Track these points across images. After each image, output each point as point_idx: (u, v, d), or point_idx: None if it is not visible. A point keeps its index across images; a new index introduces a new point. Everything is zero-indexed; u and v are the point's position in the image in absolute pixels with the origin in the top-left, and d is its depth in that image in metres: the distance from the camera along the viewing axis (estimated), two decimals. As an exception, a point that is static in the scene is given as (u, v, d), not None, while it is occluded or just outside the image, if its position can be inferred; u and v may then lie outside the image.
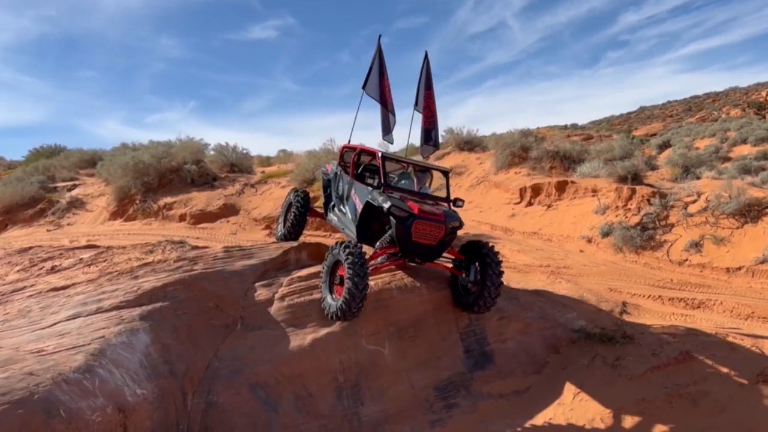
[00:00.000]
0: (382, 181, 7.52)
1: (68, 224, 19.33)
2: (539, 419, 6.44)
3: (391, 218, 7.04)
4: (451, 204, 7.88)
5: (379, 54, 9.48)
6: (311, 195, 11.13)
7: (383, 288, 7.55)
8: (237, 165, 21.98)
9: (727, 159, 24.16)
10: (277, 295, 7.56)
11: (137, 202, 19.23)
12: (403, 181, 8.07)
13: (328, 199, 9.25)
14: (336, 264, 7.04)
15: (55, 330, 6.13)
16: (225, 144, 22.50)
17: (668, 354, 7.09)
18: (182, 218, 18.24)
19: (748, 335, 7.68)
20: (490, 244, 7.63)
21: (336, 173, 9.01)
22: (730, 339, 7.43)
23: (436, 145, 10.11)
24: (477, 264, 7.51)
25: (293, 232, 9.25)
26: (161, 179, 19.89)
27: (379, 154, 7.79)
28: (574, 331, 7.95)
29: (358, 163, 8.70)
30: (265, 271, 8.10)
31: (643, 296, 9.92)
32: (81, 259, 8.56)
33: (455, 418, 6.73)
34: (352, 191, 8.13)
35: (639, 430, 5.98)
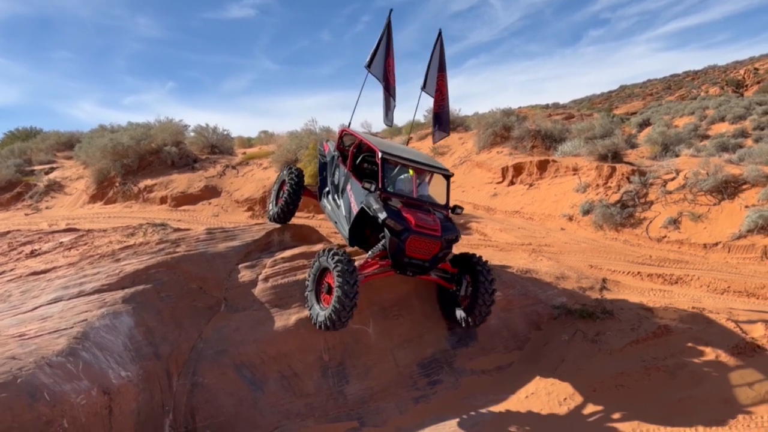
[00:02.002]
0: (380, 185, 7.10)
1: (47, 208, 19.06)
2: (521, 394, 6.56)
3: (386, 230, 6.73)
4: (450, 212, 7.50)
5: (388, 31, 8.94)
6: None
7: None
8: (218, 146, 21.75)
9: (705, 137, 24.43)
10: (260, 277, 7.57)
11: (117, 184, 18.98)
12: (401, 176, 7.69)
13: (322, 182, 8.80)
14: (323, 271, 6.79)
15: (37, 314, 6.09)
16: (205, 125, 22.23)
17: (647, 328, 7.25)
18: (163, 201, 18.07)
19: (724, 309, 7.86)
20: (481, 257, 7.44)
21: (333, 157, 8.51)
22: (706, 313, 7.60)
23: (447, 131, 9.70)
24: (468, 277, 7.30)
25: (286, 212, 8.76)
26: (141, 161, 19.64)
27: (380, 155, 7.26)
28: (555, 307, 8.08)
29: (357, 154, 8.24)
30: (248, 253, 8.10)
31: (623, 272, 10.08)
32: (61, 242, 8.47)
33: (439, 395, 6.83)
34: (348, 186, 7.73)
35: (618, 402, 6.12)
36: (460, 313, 7.33)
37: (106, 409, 5.16)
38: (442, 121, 9.42)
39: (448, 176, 7.75)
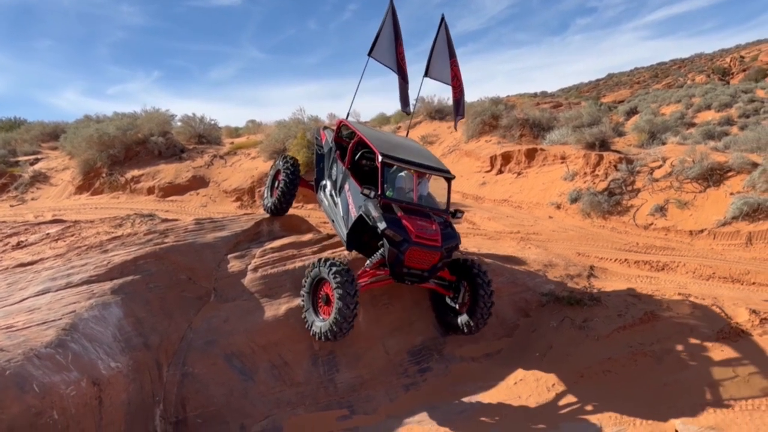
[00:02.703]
0: (380, 191, 6.83)
1: (32, 199, 18.88)
2: (510, 380, 6.63)
3: (385, 240, 6.57)
4: (450, 216, 7.24)
5: (393, 17, 8.66)
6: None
7: (357, 257, 7.60)
8: (205, 136, 21.62)
9: (691, 125, 24.63)
10: (250, 267, 7.56)
11: (103, 175, 18.84)
12: (401, 173, 7.45)
13: (319, 174, 8.54)
14: (320, 281, 6.64)
15: (24, 306, 6.06)
16: (192, 115, 22.10)
17: (633, 315, 7.33)
18: (150, 191, 17.96)
19: (709, 295, 7.96)
20: (479, 263, 7.32)
21: (331, 149, 8.24)
22: (692, 299, 7.69)
23: (463, 114, 9.47)
24: (466, 283, 7.15)
25: (283, 204, 8.54)
26: (127, 152, 19.49)
27: (380, 159, 6.94)
28: (543, 294, 8.14)
29: (356, 150, 7.89)
30: (237, 243, 8.08)
31: (610, 260, 10.17)
32: (48, 234, 8.41)
33: (429, 382, 6.89)
34: (346, 186, 7.50)
35: (605, 387, 6.20)
36: (459, 320, 7.17)
37: (96, 399, 5.16)
38: (459, 106, 9.22)
39: (449, 179, 7.46)
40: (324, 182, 8.35)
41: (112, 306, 6.20)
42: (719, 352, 6.48)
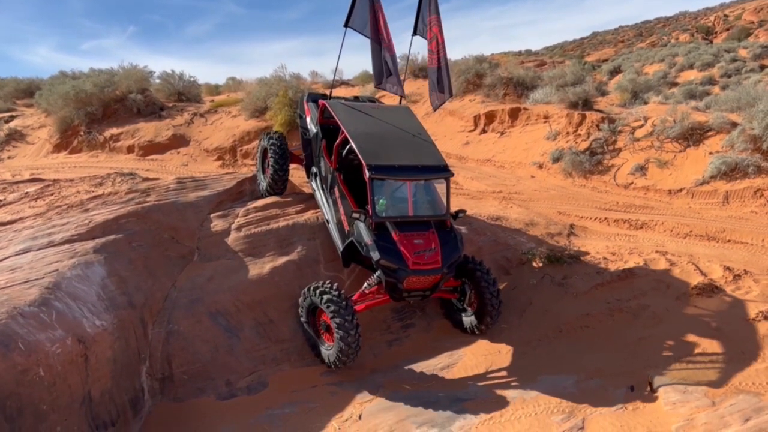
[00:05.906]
0: (370, 212, 6.24)
1: (8, 158, 18.53)
2: (492, 336, 6.78)
3: (381, 270, 6.23)
4: (451, 219, 6.64)
5: None
6: (270, 124, 10.11)
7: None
8: (184, 94, 21.25)
9: (674, 84, 24.65)
10: (233, 226, 7.56)
11: (81, 133, 18.51)
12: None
13: (308, 159, 8.17)
14: (315, 308, 6.39)
15: (6, 265, 6.02)
16: (171, 72, 21.66)
17: (611, 272, 7.50)
18: (130, 150, 17.71)
19: (686, 253, 8.15)
20: (480, 261, 6.95)
21: (316, 135, 7.78)
22: (669, 257, 7.87)
23: (450, 92, 7.79)
24: (470, 284, 6.85)
25: (278, 184, 8.32)
26: (106, 109, 19.12)
27: (367, 175, 6.25)
28: (523, 253, 8.26)
29: (342, 146, 7.10)
30: (220, 202, 8.06)
31: (590, 219, 10.31)
32: (26, 192, 8.30)
33: (412, 338, 7.03)
34: (336, 192, 7.06)
35: (583, 342, 6.38)
36: (469, 321, 6.90)
37: (82, 357, 5.19)
38: (441, 78, 7.55)
39: (448, 178, 6.72)
40: (313, 170, 7.93)
41: (95, 265, 6.19)
42: (694, 307, 6.68)
